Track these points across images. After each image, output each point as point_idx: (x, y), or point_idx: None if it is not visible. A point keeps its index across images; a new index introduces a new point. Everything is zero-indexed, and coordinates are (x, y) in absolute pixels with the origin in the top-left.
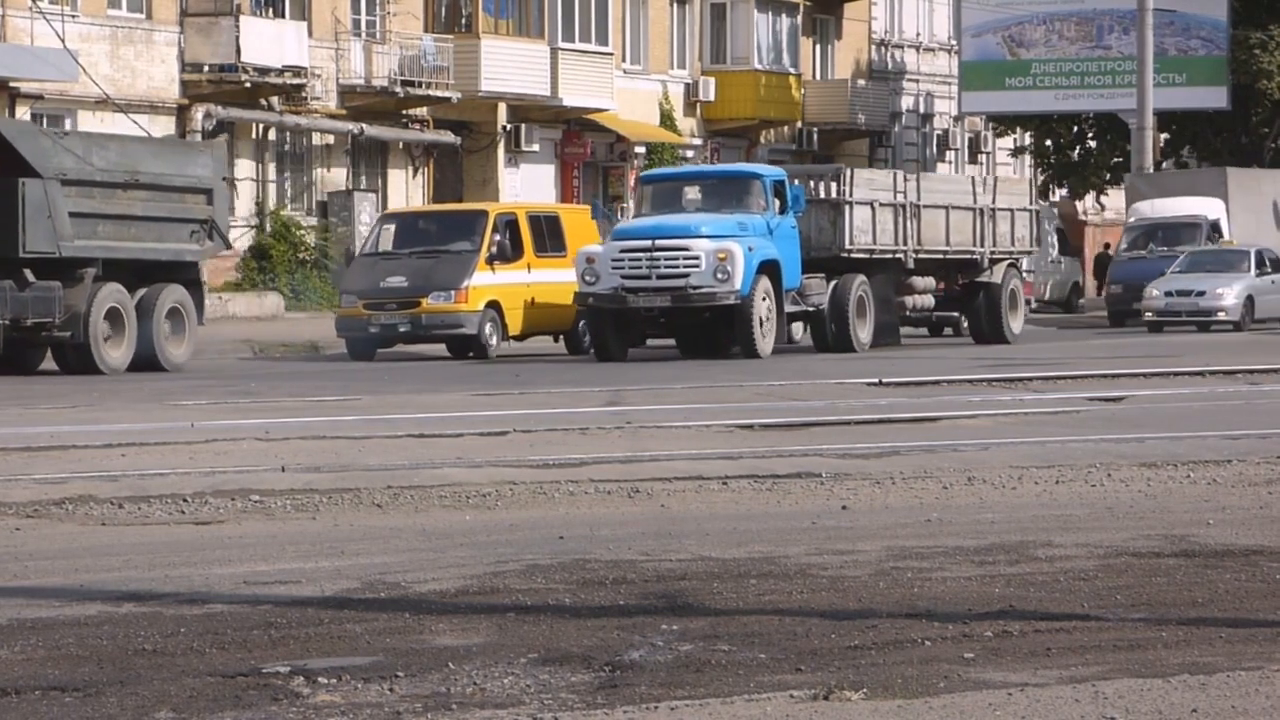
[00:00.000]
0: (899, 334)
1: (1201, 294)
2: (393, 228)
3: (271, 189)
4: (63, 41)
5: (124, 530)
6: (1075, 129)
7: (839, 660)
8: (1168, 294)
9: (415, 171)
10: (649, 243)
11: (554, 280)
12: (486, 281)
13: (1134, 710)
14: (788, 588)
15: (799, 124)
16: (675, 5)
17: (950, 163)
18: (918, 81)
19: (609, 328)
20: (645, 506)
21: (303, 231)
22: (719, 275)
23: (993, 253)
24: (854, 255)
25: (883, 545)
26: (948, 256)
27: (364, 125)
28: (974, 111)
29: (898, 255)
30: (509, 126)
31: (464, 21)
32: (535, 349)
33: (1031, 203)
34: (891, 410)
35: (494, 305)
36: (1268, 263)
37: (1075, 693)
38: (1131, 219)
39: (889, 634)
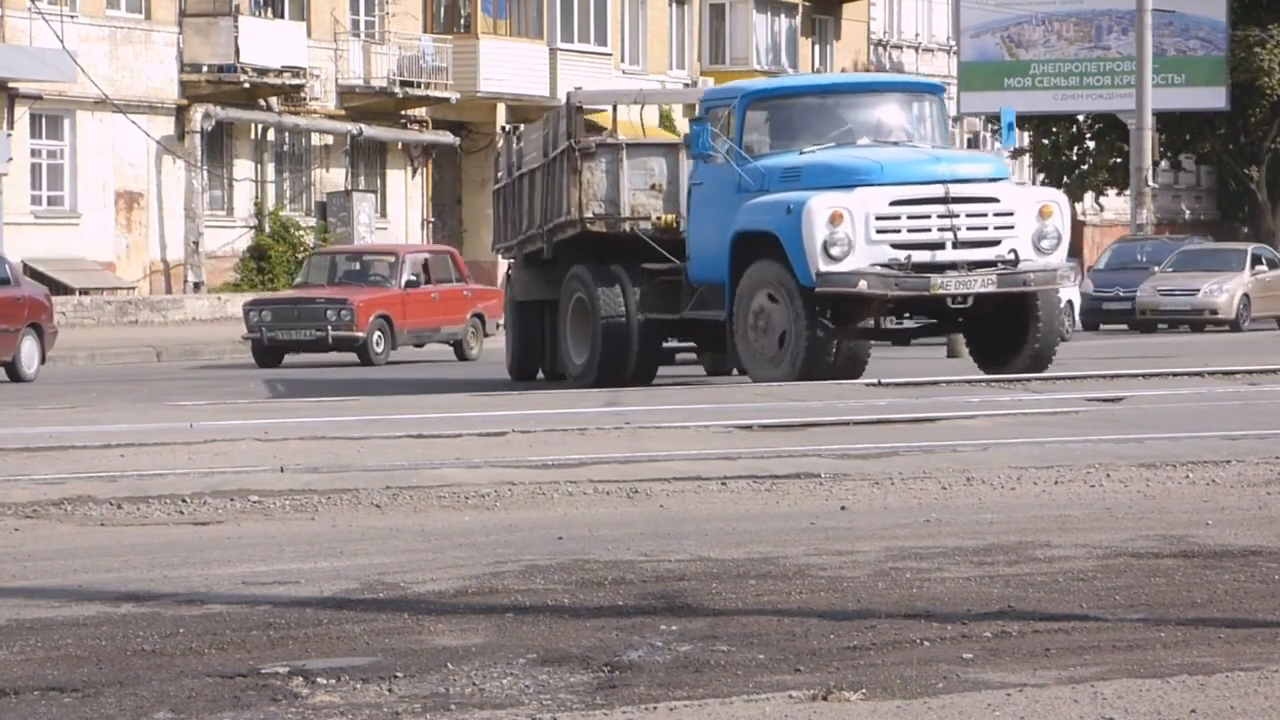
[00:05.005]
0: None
1: None
2: None
3: (270, 189)
4: (61, 42)
5: (123, 531)
6: (1074, 129)
7: (838, 661)
8: None
9: (414, 172)
10: (941, 190)
11: None
12: None
13: (1132, 711)
14: (786, 588)
15: None
16: (674, 5)
17: None
18: None
19: (839, 326)
20: (644, 507)
21: (301, 232)
22: (1044, 243)
23: None
24: None
25: (881, 546)
26: None
27: (363, 126)
28: (973, 112)
29: None
30: (508, 127)
31: (462, 22)
32: None
33: None
34: (890, 411)
35: None
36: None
37: (1074, 693)
38: None
39: (888, 634)
